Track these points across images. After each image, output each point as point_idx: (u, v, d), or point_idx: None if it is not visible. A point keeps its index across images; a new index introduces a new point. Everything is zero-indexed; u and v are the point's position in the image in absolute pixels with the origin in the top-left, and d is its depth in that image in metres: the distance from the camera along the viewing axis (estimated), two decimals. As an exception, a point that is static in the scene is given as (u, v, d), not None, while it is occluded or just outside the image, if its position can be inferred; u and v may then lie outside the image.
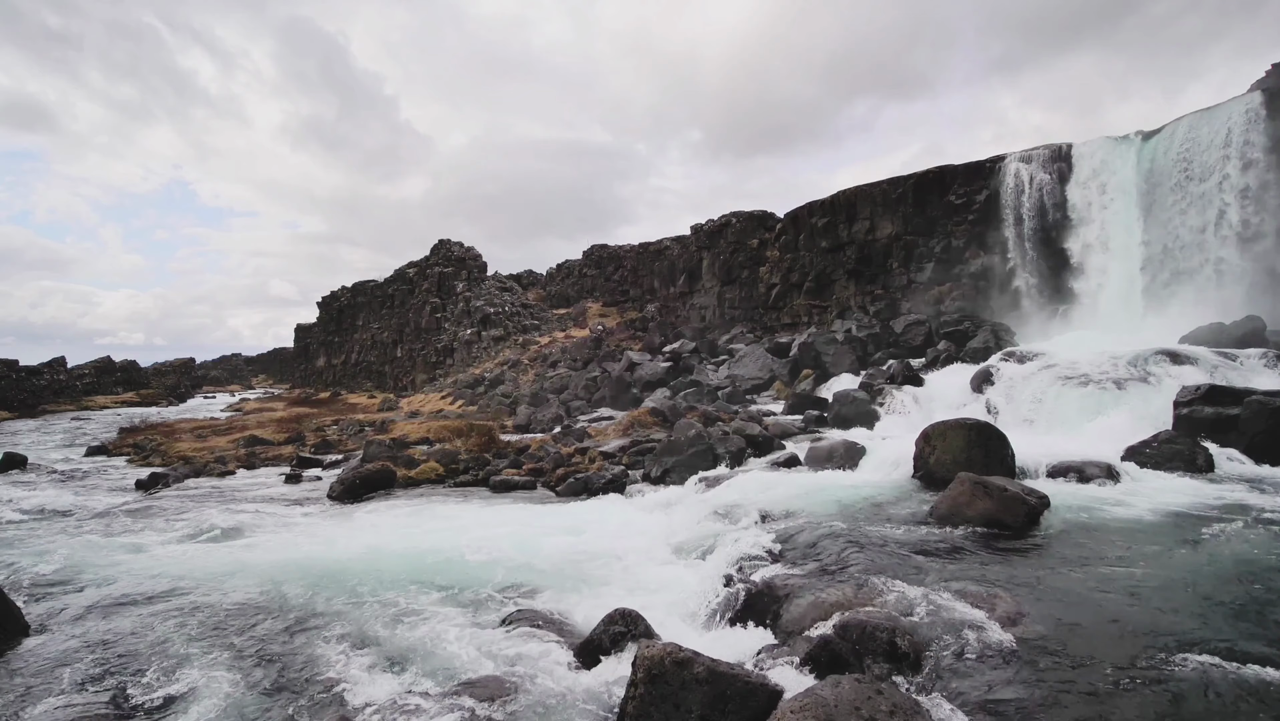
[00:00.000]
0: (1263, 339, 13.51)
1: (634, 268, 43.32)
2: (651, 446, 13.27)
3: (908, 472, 9.01)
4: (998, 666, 3.94)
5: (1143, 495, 7.46)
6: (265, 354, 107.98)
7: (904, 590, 5.04)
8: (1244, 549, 5.57)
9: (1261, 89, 17.35)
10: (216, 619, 6.11)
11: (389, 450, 14.87)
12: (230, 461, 17.29)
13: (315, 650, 5.36)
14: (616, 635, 4.93)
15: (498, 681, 4.58)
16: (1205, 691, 3.52)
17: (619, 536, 8.21)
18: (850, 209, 27.15)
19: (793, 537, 6.59)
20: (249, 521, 10.29)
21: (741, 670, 3.83)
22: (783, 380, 21.01)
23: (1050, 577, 5.18)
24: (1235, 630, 4.15)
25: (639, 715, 3.67)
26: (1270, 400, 8.85)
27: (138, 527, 10.26)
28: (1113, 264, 19.76)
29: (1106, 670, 3.79)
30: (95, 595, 6.95)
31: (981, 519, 6.53)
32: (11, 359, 47.60)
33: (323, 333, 61.91)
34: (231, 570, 7.55)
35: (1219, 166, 17.59)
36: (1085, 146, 20.99)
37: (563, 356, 31.99)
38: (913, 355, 19.55)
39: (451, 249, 45.72)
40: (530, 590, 6.48)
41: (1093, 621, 4.39)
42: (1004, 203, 22.47)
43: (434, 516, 10.12)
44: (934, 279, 24.40)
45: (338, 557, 7.77)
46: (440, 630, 5.62)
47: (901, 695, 3.38)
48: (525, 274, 54.56)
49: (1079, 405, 11.45)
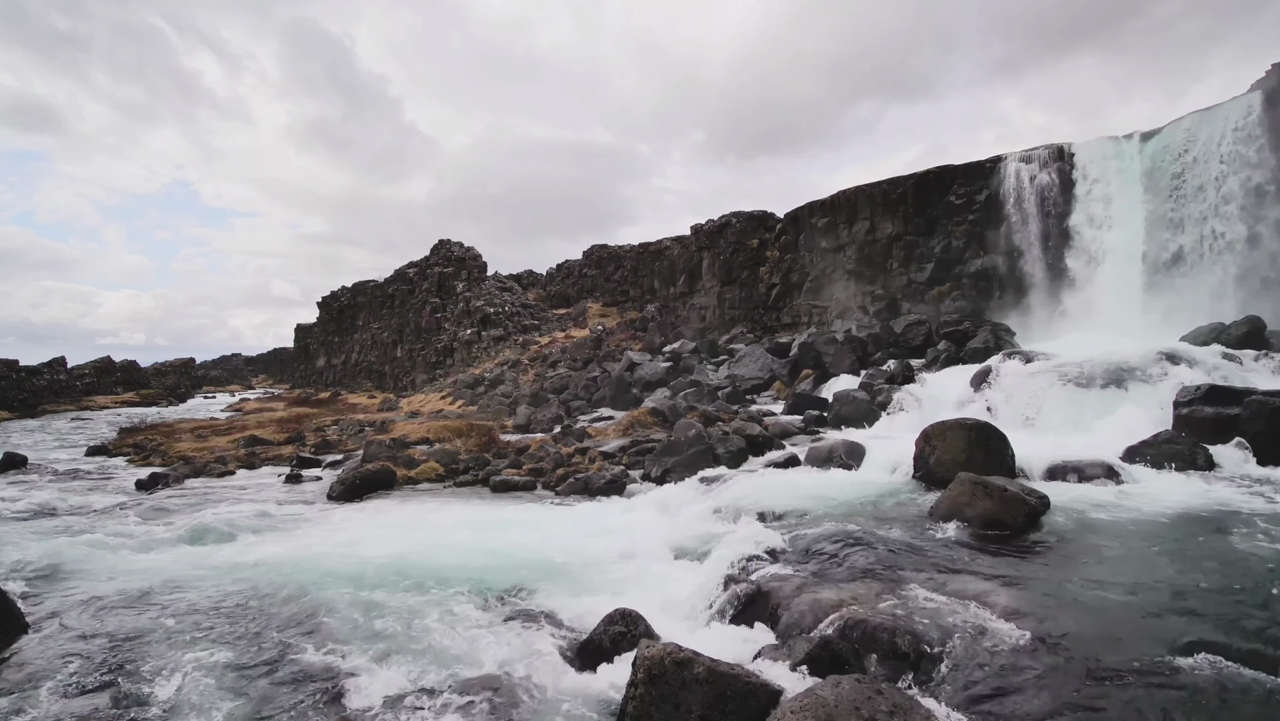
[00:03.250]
0: (1263, 339, 13.50)
1: (634, 268, 43.32)
2: (651, 446, 13.26)
3: (908, 473, 9.00)
4: (998, 666, 3.94)
5: (1143, 495, 7.46)
6: (265, 354, 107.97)
7: (904, 590, 5.04)
8: (1244, 549, 5.56)
9: (1261, 89, 17.35)
10: (215, 618, 6.11)
11: (389, 450, 14.86)
12: (230, 461, 17.28)
13: (314, 650, 5.36)
14: (616, 635, 4.93)
15: (497, 681, 4.58)
16: (1205, 691, 3.52)
17: (619, 536, 8.20)
18: (850, 209, 27.15)
19: (793, 538, 6.59)
20: (249, 521, 10.29)
21: (742, 670, 3.83)
22: (783, 380, 21.00)
23: (1051, 578, 5.18)
24: (1236, 630, 4.14)
25: (639, 715, 3.67)
26: (1270, 400, 8.84)
27: (138, 527, 10.26)
28: (1113, 264, 19.76)
29: (1108, 670, 3.79)
30: (94, 594, 6.95)
31: (982, 519, 6.53)
32: (12, 359, 47.58)
33: (323, 333, 61.92)
34: (231, 570, 7.55)
35: (1219, 166, 17.60)
36: (1086, 146, 20.99)
37: (563, 356, 31.99)
38: (913, 355, 19.54)
39: (451, 249, 45.73)
40: (530, 590, 6.47)
41: (1093, 621, 4.38)
42: (1004, 202, 22.47)
43: (433, 516, 10.11)
44: (934, 279, 24.39)
45: (337, 557, 7.77)
46: (440, 630, 5.62)
47: (902, 695, 3.38)
48: (525, 274, 54.54)
49: (1079, 405, 11.44)
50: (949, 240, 24.01)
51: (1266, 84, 17.35)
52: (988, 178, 23.10)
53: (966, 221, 23.50)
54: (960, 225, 23.69)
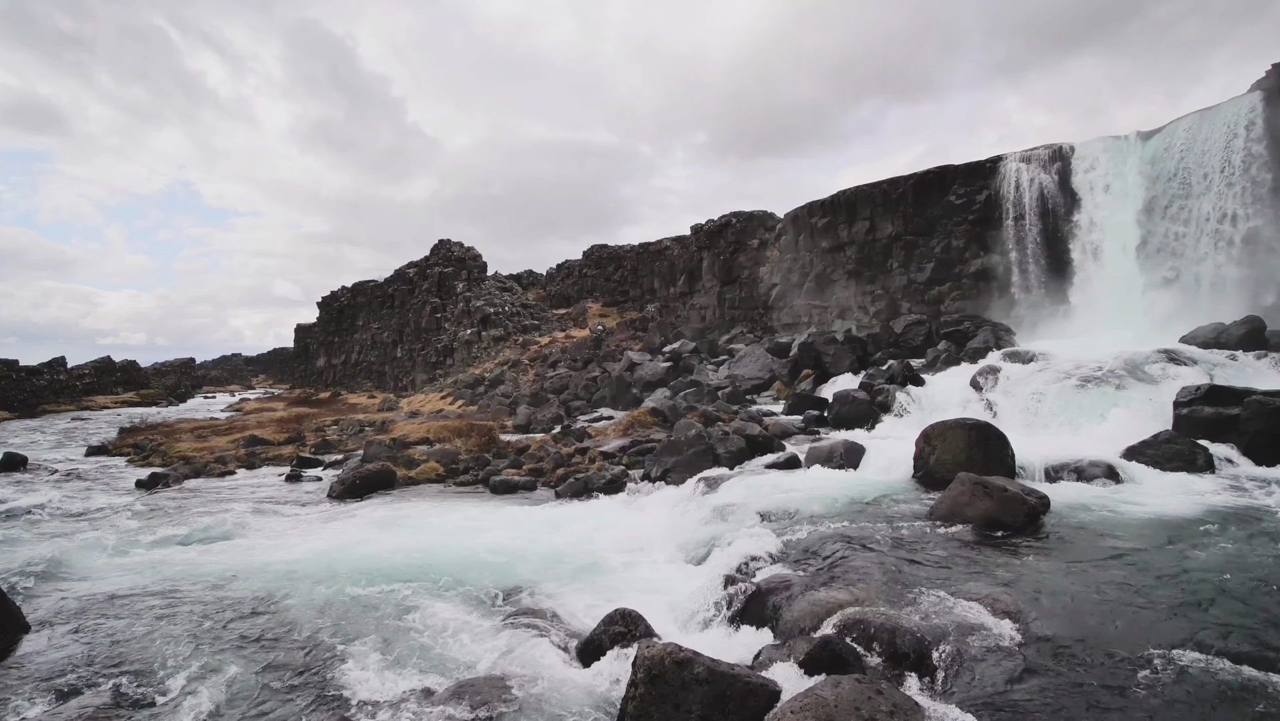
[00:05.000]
0: (1263, 339, 13.49)
1: (634, 268, 43.32)
2: (651, 446, 13.26)
3: (908, 473, 9.00)
4: (998, 666, 3.94)
5: (1143, 495, 7.46)
6: (265, 354, 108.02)
7: (904, 590, 5.04)
8: (1244, 549, 5.57)
9: (1261, 89, 17.35)
10: (215, 618, 6.11)
11: (389, 450, 14.87)
12: (230, 461, 17.28)
13: (314, 650, 5.36)
14: (616, 635, 4.93)
15: (497, 681, 4.58)
16: (1205, 691, 3.52)
17: (619, 536, 8.21)
18: (850, 209, 27.15)
19: (793, 538, 6.59)
20: (249, 521, 10.29)
21: (741, 670, 3.83)
22: (783, 380, 20.99)
23: (1050, 577, 5.18)
24: (1236, 630, 4.15)
25: (639, 715, 3.67)
26: (1270, 400, 8.84)
27: (138, 527, 10.26)
28: (1113, 264, 19.76)
29: (1107, 669, 3.79)
30: (94, 594, 6.95)
31: (982, 519, 6.53)
32: (12, 359, 47.57)
33: (323, 333, 61.89)
34: (230, 569, 7.55)
35: (1219, 166, 17.59)
36: (1085, 146, 20.99)
37: (563, 356, 31.99)
38: (913, 355, 19.52)
39: (451, 249, 45.72)
40: (530, 590, 6.48)
41: (1093, 621, 4.39)
42: (1004, 203, 22.47)
43: (433, 516, 10.12)
44: (934, 279, 24.39)
45: (337, 557, 7.77)
46: (440, 629, 5.62)
47: (901, 695, 3.38)
48: (525, 274, 54.54)
49: (1079, 405, 11.44)
50: (949, 240, 24.01)
51: (1266, 84, 17.35)
52: (988, 178, 23.09)
53: (966, 221, 23.50)
54: (960, 225, 23.68)
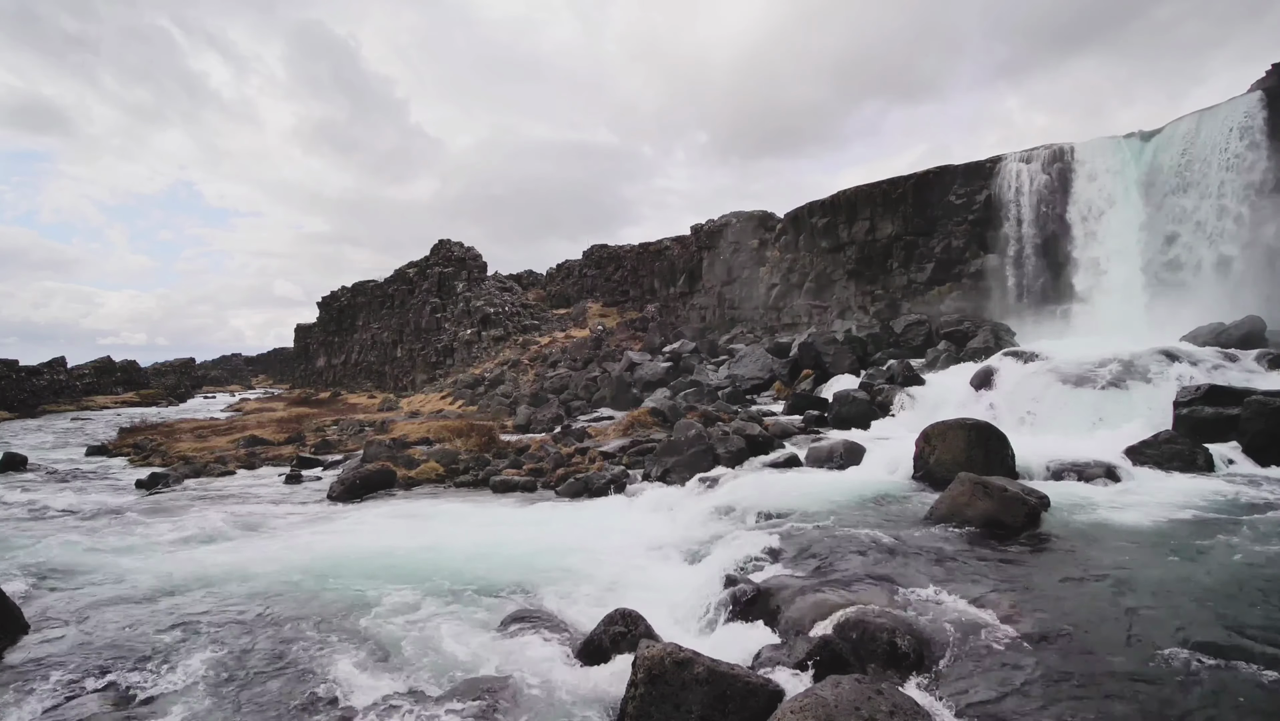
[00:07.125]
0: (1263, 339, 13.50)
1: (634, 268, 43.32)
2: (651, 446, 13.26)
3: (908, 473, 9.00)
4: (998, 666, 3.94)
5: (1143, 495, 7.46)
6: (265, 354, 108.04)
7: (904, 590, 5.04)
8: (1244, 549, 5.56)
9: (1261, 89, 17.35)
10: (214, 618, 6.11)
11: (389, 450, 14.86)
12: (230, 461, 17.27)
13: (314, 650, 5.36)
14: (616, 635, 4.92)
15: (497, 681, 4.58)
16: (1205, 691, 3.52)
17: (619, 536, 8.20)
18: (851, 209, 27.15)
19: (793, 538, 6.59)
20: (248, 521, 10.28)
21: (742, 670, 3.82)
22: (783, 380, 20.99)
23: (1050, 578, 5.18)
24: (1236, 630, 4.14)
25: (639, 715, 3.67)
26: (1270, 400, 8.84)
27: (137, 527, 10.25)
28: (1113, 263, 19.77)
29: (1107, 670, 3.79)
30: (94, 594, 6.95)
31: (982, 519, 6.53)
32: (12, 359, 47.56)
33: (323, 333, 61.92)
34: (230, 569, 7.54)
35: (1219, 166, 17.60)
36: (1086, 146, 21.00)
37: (563, 356, 31.99)
38: (913, 355, 19.54)
39: (451, 249, 45.73)
40: (530, 590, 6.47)
41: (1093, 621, 4.38)
42: (1004, 203, 22.48)
43: (434, 516, 10.12)
44: (934, 279, 24.40)
45: (337, 557, 7.77)
46: (439, 630, 5.61)
47: (902, 695, 3.38)
48: (525, 274, 54.53)
49: (1079, 405, 11.45)
50: (949, 240, 24.02)
51: (1266, 84, 17.36)
52: (988, 178, 23.10)
53: (966, 221, 23.50)
54: (960, 225, 23.69)
